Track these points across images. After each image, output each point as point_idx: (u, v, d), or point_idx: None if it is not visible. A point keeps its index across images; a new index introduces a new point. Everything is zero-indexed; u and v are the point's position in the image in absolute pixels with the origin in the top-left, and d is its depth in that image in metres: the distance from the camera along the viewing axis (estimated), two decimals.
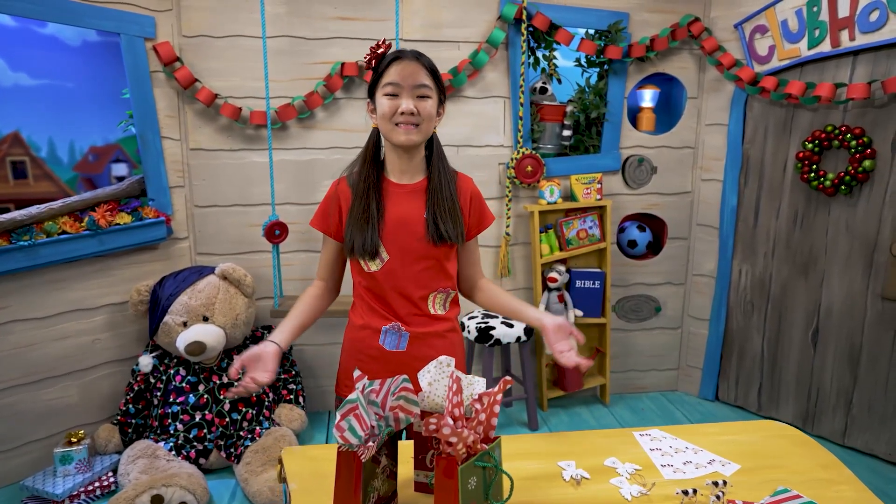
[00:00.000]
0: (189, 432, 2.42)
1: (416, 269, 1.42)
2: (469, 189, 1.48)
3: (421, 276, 1.43)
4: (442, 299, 1.48)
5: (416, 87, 1.35)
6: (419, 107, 1.35)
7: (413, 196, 1.43)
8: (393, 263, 1.41)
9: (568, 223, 2.89)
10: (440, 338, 1.47)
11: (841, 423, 2.71)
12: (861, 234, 2.55)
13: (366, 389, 1.02)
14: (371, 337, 1.46)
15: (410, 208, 1.42)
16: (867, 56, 2.44)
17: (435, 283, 1.45)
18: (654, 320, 3.19)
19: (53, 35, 2.59)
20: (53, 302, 2.35)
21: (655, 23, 2.87)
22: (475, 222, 1.49)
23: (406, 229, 1.41)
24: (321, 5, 2.63)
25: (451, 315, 1.50)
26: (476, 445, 0.96)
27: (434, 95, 1.38)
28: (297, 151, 2.74)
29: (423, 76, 1.36)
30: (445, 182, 1.42)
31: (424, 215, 1.41)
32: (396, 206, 1.42)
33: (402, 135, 1.36)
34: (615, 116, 2.92)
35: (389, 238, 1.41)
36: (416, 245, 1.41)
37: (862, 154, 2.47)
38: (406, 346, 1.44)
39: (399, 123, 1.36)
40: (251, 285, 2.59)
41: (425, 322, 1.45)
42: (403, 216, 1.41)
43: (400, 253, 1.41)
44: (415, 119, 1.35)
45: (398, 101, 1.35)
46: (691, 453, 1.32)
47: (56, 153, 2.66)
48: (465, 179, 1.50)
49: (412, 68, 1.35)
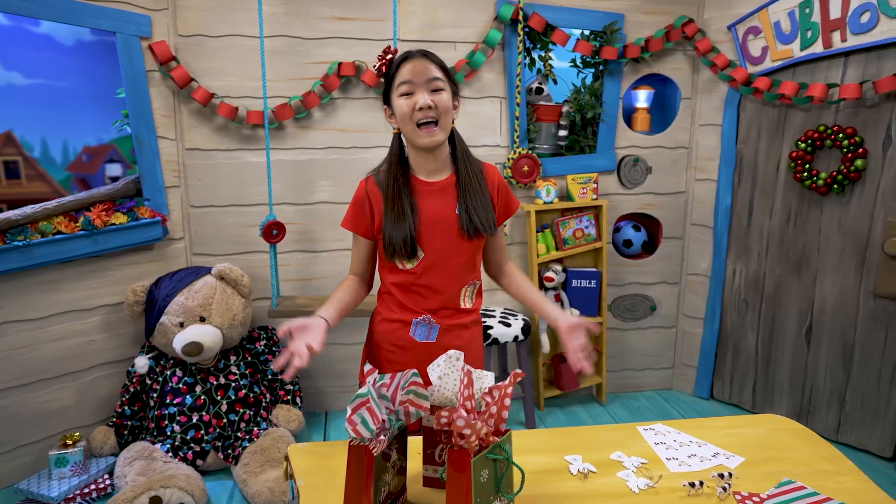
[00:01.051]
0: (186, 434, 2.40)
1: (452, 265, 1.46)
2: (496, 178, 1.51)
3: (456, 271, 1.46)
4: (470, 292, 1.53)
5: (429, 82, 1.37)
6: (435, 100, 1.36)
7: (443, 193, 1.45)
8: (429, 260, 1.44)
9: (564, 223, 2.91)
10: (465, 329, 1.52)
11: (834, 419, 2.74)
12: (853, 233, 2.59)
13: (377, 383, 1.02)
14: (402, 329, 1.50)
15: (442, 205, 1.44)
16: (858, 57, 2.48)
17: (467, 276, 1.49)
18: (650, 319, 3.21)
19: (47, 34, 2.57)
20: (48, 303, 2.33)
21: (650, 24, 2.90)
22: (502, 209, 1.52)
23: (440, 227, 1.43)
24: (318, 5, 2.63)
25: (476, 307, 1.55)
26: (488, 438, 0.97)
27: (447, 88, 1.40)
28: (294, 151, 2.73)
29: (435, 70, 1.38)
30: (474, 175, 1.45)
31: (457, 211, 1.43)
32: (428, 205, 1.44)
33: (425, 137, 1.38)
34: (610, 117, 2.95)
35: (425, 236, 1.43)
36: (450, 241, 1.44)
37: (854, 153, 2.50)
38: (436, 337, 1.49)
39: (420, 124, 1.37)
40: (248, 285, 2.58)
41: (453, 315, 1.50)
42: (436, 214, 1.44)
43: (436, 250, 1.44)
44: (433, 113, 1.36)
45: (414, 99, 1.36)
46: (695, 447, 1.33)
47: (49, 153, 2.64)
48: (491, 169, 1.52)
49: (422, 65, 1.37)
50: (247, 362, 2.62)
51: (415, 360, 1.45)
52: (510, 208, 1.54)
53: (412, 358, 1.47)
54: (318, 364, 2.93)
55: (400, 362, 1.50)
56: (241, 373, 2.57)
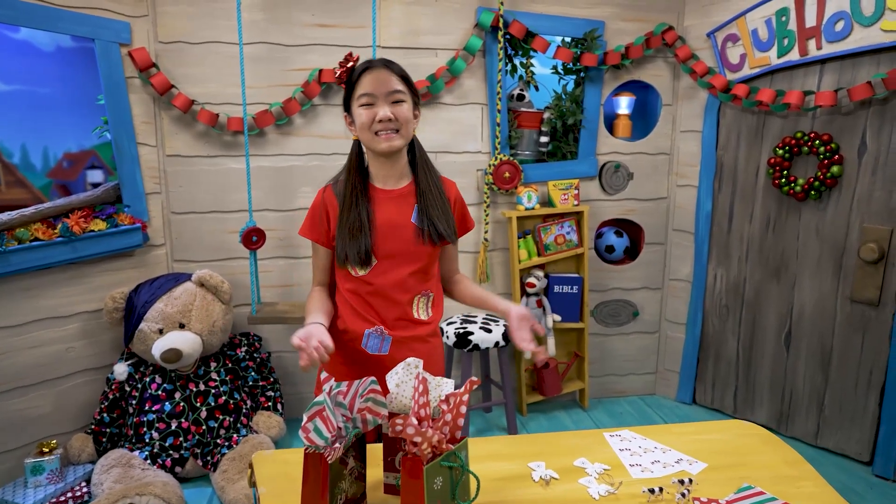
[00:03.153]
0: (165, 440, 2.40)
1: (404, 274, 1.45)
2: (454, 194, 1.53)
3: (408, 280, 1.46)
4: (424, 303, 1.51)
5: (389, 94, 1.38)
6: (395, 112, 1.38)
7: (400, 200, 1.46)
8: (381, 268, 1.44)
9: (546, 229, 2.92)
10: (422, 342, 1.50)
11: (813, 424, 2.75)
12: (830, 238, 2.61)
13: (333, 391, 1.03)
14: (353, 340, 1.48)
15: (398, 213, 1.45)
16: (834, 65, 2.50)
17: (420, 285, 1.49)
18: (632, 325, 3.22)
19: (27, 40, 2.56)
20: (25, 310, 2.32)
21: (630, 31, 2.92)
22: (459, 225, 1.54)
23: (395, 234, 1.44)
24: (299, 12, 2.64)
25: (432, 320, 1.53)
26: (441, 446, 0.97)
27: (408, 99, 1.41)
28: (275, 158, 2.74)
29: (396, 82, 1.39)
30: (433, 183, 1.46)
31: (412, 219, 1.44)
32: (385, 212, 1.45)
33: (383, 143, 1.39)
34: (591, 123, 2.96)
35: (379, 243, 1.44)
36: (405, 249, 1.44)
37: (830, 160, 2.53)
38: (388, 349, 1.47)
39: (379, 132, 1.38)
40: (228, 292, 2.58)
41: (408, 326, 1.48)
42: (392, 221, 1.44)
43: (388, 257, 1.44)
44: (393, 125, 1.38)
45: (375, 110, 1.38)
46: (660, 453, 1.34)
47: (29, 159, 2.63)
48: (450, 183, 1.54)
49: (383, 76, 1.38)
50: (227, 369, 2.62)
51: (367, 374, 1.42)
52: (466, 225, 1.56)
53: (364, 370, 1.44)
54: (299, 370, 2.92)
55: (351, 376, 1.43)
56: (222, 379, 2.57)
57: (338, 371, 1.50)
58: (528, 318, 1.40)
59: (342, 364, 1.50)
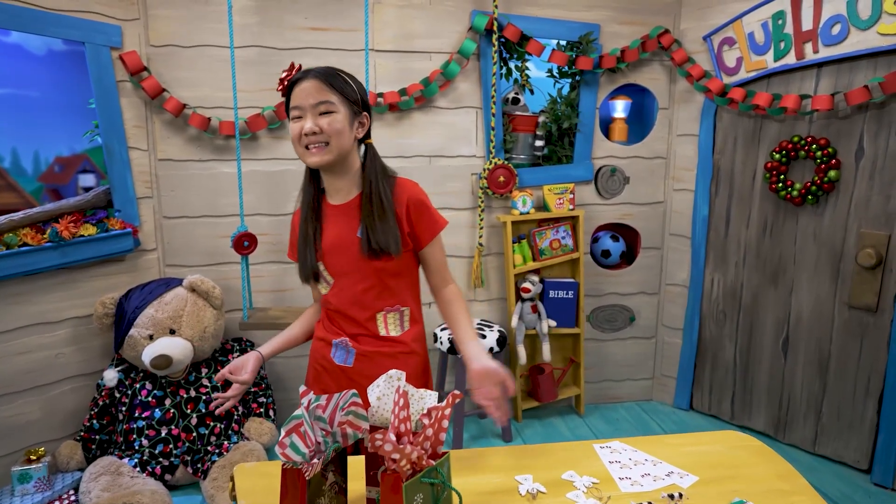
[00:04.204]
0: (154, 448, 2.37)
1: (358, 291, 1.41)
2: (406, 195, 1.40)
3: (363, 297, 1.41)
4: (395, 319, 1.45)
5: (317, 105, 1.32)
6: (321, 124, 1.32)
7: (347, 214, 1.41)
8: (338, 286, 1.43)
9: (541, 233, 2.89)
10: (391, 358, 1.45)
11: (811, 430, 2.72)
12: (828, 243, 2.58)
13: (311, 405, 1.00)
14: (325, 349, 1.48)
15: (345, 228, 1.40)
16: (831, 68, 2.48)
17: (380, 302, 1.42)
18: (629, 330, 3.20)
19: (17, 44, 2.55)
20: (13, 316, 2.30)
21: (626, 34, 2.90)
22: (422, 229, 1.42)
23: (342, 251, 1.40)
24: (292, 16, 2.62)
25: (405, 338, 1.46)
26: (421, 461, 0.95)
27: (341, 109, 1.34)
28: (268, 162, 2.72)
29: (324, 93, 1.33)
30: (377, 192, 1.38)
31: (358, 233, 1.38)
32: (332, 228, 1.42)
33: (312, 156, 1.35)
34: (587, 127, 2.94)
35: (329, 261, 1.42)
36: (353, 265, 1.40)
37: (827, 164, 2.50)
38: (353, 362, 1.45)
39: (308, 146, 1.34)
40: (220, 297, 2.56)
41: (372, 342, 1.44)
42: (339, 238, 1.40)
43: (341, 275, 1.42)
44: (320, 137, 1.33)
45: (302, 123, 1.34)
46: (650, 465, 1.31)
47: (20, 163, 2.61)
48: (406, 185, 1.43)
49: (310, 87, 1.32)
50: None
51: (335, 383, 1.45)
52: (432, 227, 1.43)
53: (333, 380, 1.45)
54: (291, 376, 2.90)
55: (322, 383, 1.48)
56: (213, 385, 2.55)
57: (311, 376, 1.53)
58: (490, 375, 1.26)
59: (315, 369, 1.52)
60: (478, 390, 1.26)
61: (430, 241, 1.44)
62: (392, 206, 1.38)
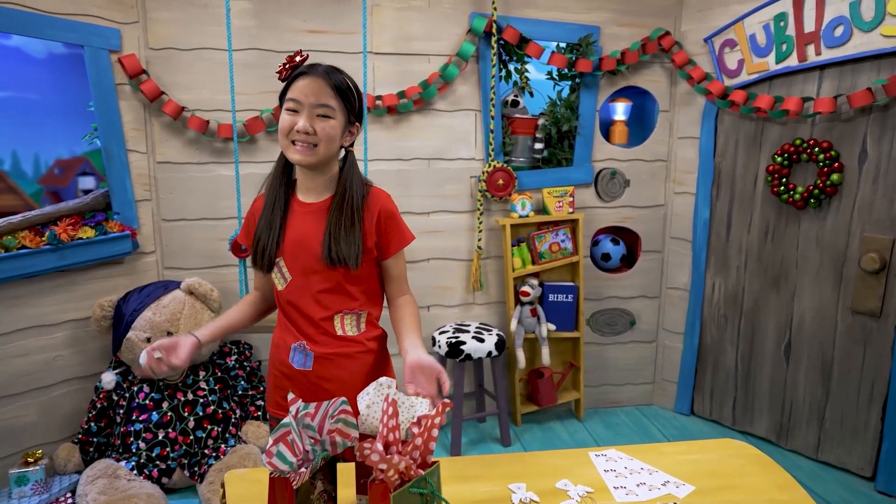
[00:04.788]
0: (152, 451, 2.37)
1: (316, 290, 1.38)
2: (378, 206, 1.39)
3: (321, 297, 1.39)
4: (352, 321, 1.43)
5: (316, 107, 1.30)
6: (317, 126, 1.30)
7: (316, 215, 1.39)
8: (295, 283, 1.40)
9: (540, 237, 2.88)
10: (350, 359, 1.42)
11: (814, 437, 2.70)
12: (830, 248, 2.55)
13: (300, 413, 0.99)
14: (284, 353, 1.45)
15: (311, 228, 1.38)
16: (833, 70, 2.46)
17: (338, 304, 1.40)
18: (629, 334, 3.18)
19: (18, 47, 2.55)
20: (11, 318, 2.30)
21: (626, 36, 2.88)
22: (389, 241, 1.41)
23: (305, 248, 1.37)
24: (290, 18, 2.62)
25: (362, 337, 1.43)
26: (409, 471, 0.93)
27: (338, 116, 1.33)
28: (266, 165, 2.70)
29: (327, 96, 1.31)
30: (349, 201, 1.35)
31: (323, 236, 1.36)
32: (298, 225, 1.39)
33: (296, 154, 1.32)
34: (587, 129, 2.92)
35: (290, 257, 1.39)
36: (314, 265, 1.37)
37: (830, 168, 2.48)
38: (312, 365, 1.41)
39: (295, 141, 1.32)
40: (218, 300, 2.55)
41: (331, 343, 1.41)
42: (303, 235, 1.38)
43: (300, 272, 1.39)
44: (311, 139, 1.31)
45: (296, 118, 1.30)
46: (646, 474, 1.30)
47: (20, 166, 2.61)
48: (379, 196, 1.41)
49: (316, 86, 1.30)
50: (216, 378, 2.59)
51: (297, 388, 1.41)
52: (399, 241, 1.42)
53: (294, 385, 1.42)
54: None
55: (284, 388, 1.44)
56: (210, 388, 2.54)
57: (271, 382, 1.50)
58: (424, 368, 1.24)
59: (275, 375, 1.48)
60: (410, 383, 1.23)
61: (394, 254, 1.43)
62: (361, 217, 1.36)
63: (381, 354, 1.49)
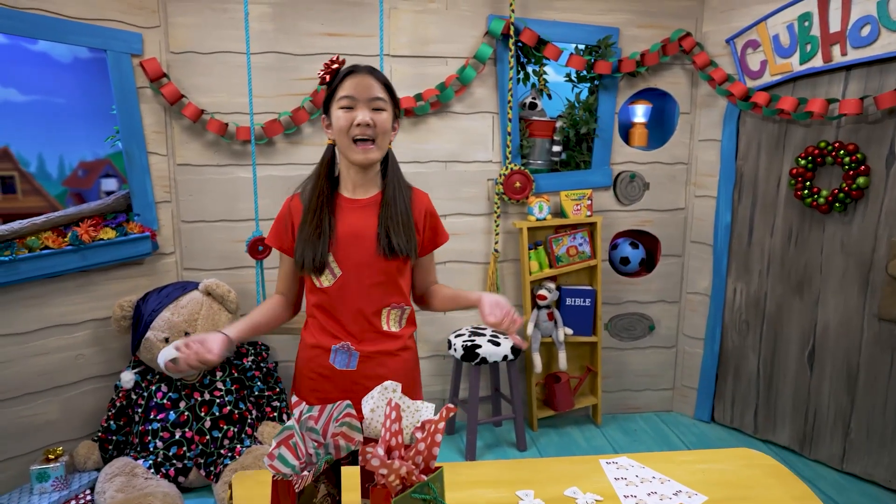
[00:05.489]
0: (168, 450, 2.40)
1: (368, 284, 1.41)
2: (424, 205, 1.48)
3: (373, 291, 1.42)
4: (396, 316, 1.47)
5: (371, 100, 1.36)
6: (375, 119, 1.36)
7: (366, 210, 1.43)
8: (345, 278, 1.41)
9: (557, 240, 2.85)
10: (392, 356, 1.46)
11: (839, 447, 2.62)
12: (856, 253, 2.48)
13: (303, 416, 0.99)
14: (322, 356, 1.45)
15: (363, 222, 1.41)
16: (860, 71, 2.39)
17: (388, 298, 1.44)
18: (648, 339, 3.13)
19: (44, 52, 2.61)
20: (34, 317, 2.34)
21: (646, 38, 2.84)
22: (429, 238, 1.49)
23: (358, 243, 1.40)
24: (308, 22, 2.63)
25: (404, 333, 1.49)
26: (411, 477, 0.92)
27: (389, 109, 1.39)
28: (284, 167, 2.73)
29: (378, 89, 1.37)
30: (399, 196, 1.42)
31: (377, 229, 1.40)
32: (348, 221, 1.42)
33: (359, 154, 1.37)
34: (606, 132, 2.89)
35: (341, 253, 1.40)
36: (368, 259, 1.40)
37: (856, 171, 2.41)
38: (356, 365, 1.43)
39: (356, 139, 1.36)
40: (235, 301, 2.58)
41: (376, 339, 1.44)
42: (355, 230, 1.41)
43: (352, 267, 1.41)
44: (370, 132, 1.36)
45: (354, 114, 1.35)
46: (657, 483, 1.27)
47: (45, 168, 2.67)
48: (421, 195, 1.49)
49: (367, 81, 1.36)
50: (233, 378, 2.61)
51: (337, 389, 1.42)
52: (437, 239, 1.50)
53: (335, 387, 1.43)
54: None
55: (323, 391, 1.45)
56: (227, 389, 2.56)
57: (306, 385, 1.48)
58: (501, 304, 1.33)
59: (311, 379, 1.47)
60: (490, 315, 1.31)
61: (432, 251, 1.52)
62: (411, 212, 1.44)
63: (415, 351, 1.55)
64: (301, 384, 1.50)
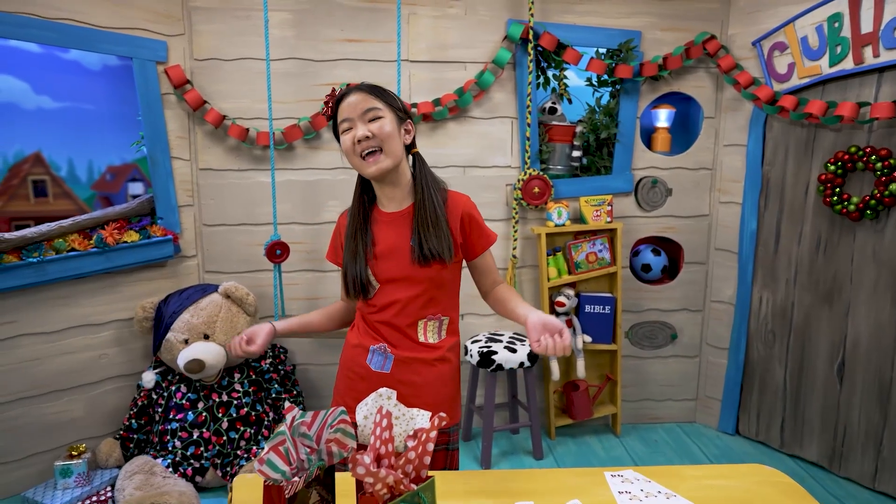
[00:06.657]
0: (186, 449, 2.44)
1: (405, 298, 1.43)
2: (461, 207, 1.46)
3: (410, 304, 1.43)
4: (435, 327, 1.47)
5: (365, 113, 1.38)
6: (372, 129, 1.37)
7: (400, 222, 1.44)
8: (383, 292, 1.44)
9: (576, 246, 2.81)
10: (428, 366, 1.46)
11: (871, 465, 2.52)
12: (889, 262, 2.39)
13: (295, 422, 0.99)
14: (361, 355, 1.49)
15: (398, 235, 1.43)
16: (893, 73, 2.30)
17: (424, 311, 1.45)
18: (670, 348, 3.06)
19: (76, 60, 2.69)
20: (60, 317, 2.41)
21: (669, 41, 2.79)
22: (475, 240, 1.47)
23: (393, 257, 1.43)
24: (328, 28, 2.66)
25: (443, 344, 1.48)
26: (399, 486, 0.91)
27: (387, 114, 1.39)
28: (304, 172, 2.76)
29: (369, 101, 1.38)
30: (430, 201, 1.42)
31: (411, 241, 1.41)
32: (384, 235, 1.45)
33: (370, 166, 1.39)
34: (627, 137, 2.84)
35: (380, 267, 1.44)
36: (402, 272, 1.42)
37: (888, 177, 2.32)
38: (391, 368, 1.45)
39: (363, 155, 1.38)
40: (253, 304, 2.61)
41: (412, 347, 1.46)
42: (391, 244, 1.43)
43: (389, 282, 1.44)
44: (373, 143, 1.37)
45: (353, 133, 1.38)
46: (663, 498, 1.23)
47: (75, 172, 2.76)
48: (458, 198, 1.48)
49: (356, 98, 1.38)
50: (251, 380, 2.64)
51: (371, 389, 1.41)
52: (483, 241, 1.49)
53: (369, 387, 1.44)
54: (323, 384, 2.92)
55: (357, 390, 1.47)
56: (245, 391, 2.60)
57: (344, 385, 1.53)
58: (547, 325, 1.26)
59: (349, 378, 1.52)
60: (537, 342, 1.26)
61: (480, 254, 1.50)
62: (445, 214, 1.42)
63: (455, 366, 1.54)
64: (340, 383, 1.55)
